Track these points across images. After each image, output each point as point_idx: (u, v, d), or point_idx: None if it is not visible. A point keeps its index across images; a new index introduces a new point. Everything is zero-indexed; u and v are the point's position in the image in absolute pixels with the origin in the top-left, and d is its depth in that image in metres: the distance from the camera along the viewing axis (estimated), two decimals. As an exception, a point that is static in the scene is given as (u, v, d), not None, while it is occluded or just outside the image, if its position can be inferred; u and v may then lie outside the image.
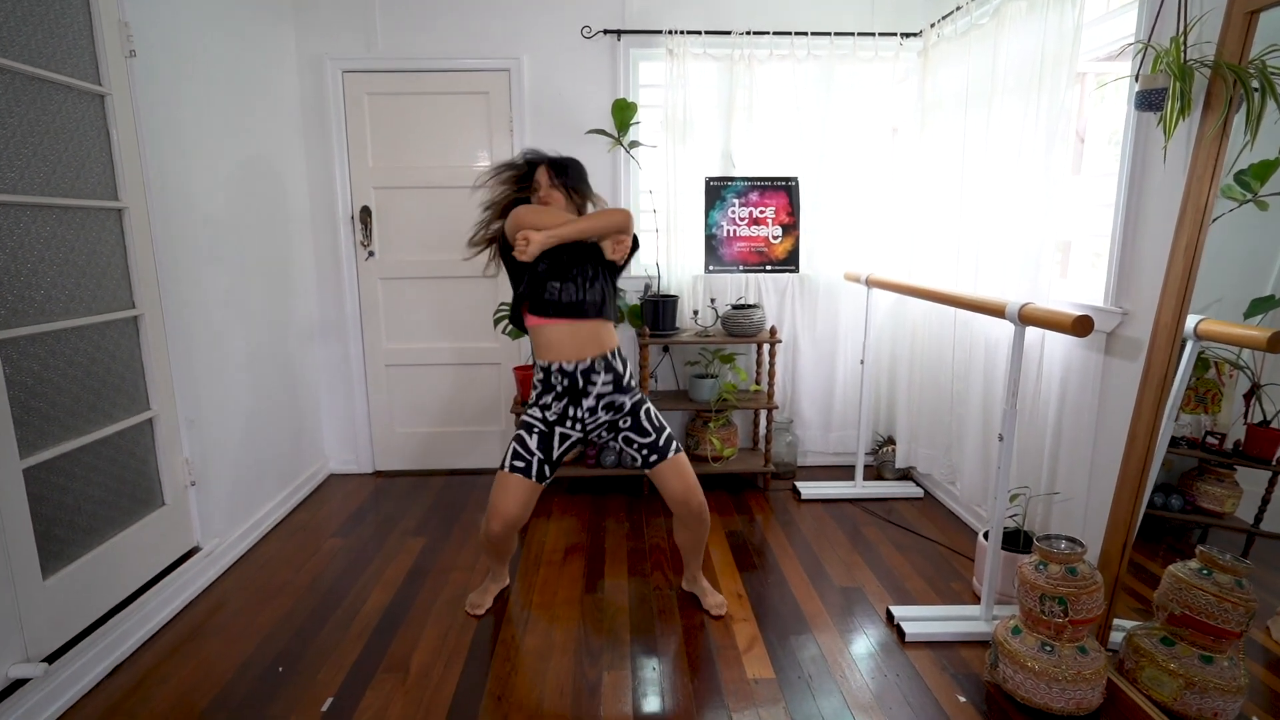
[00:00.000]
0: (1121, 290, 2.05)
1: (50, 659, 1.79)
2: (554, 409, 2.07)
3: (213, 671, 2.00)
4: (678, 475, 2.09)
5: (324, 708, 1.85)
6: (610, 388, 2.06)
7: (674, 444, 2.11)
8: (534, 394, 2.11)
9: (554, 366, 2.04)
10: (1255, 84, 1.59)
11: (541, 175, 2.09)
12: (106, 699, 1.88)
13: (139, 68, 2.17)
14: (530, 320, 2.06)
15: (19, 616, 1.72)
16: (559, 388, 2.05)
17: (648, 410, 2.13)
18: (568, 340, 2.02)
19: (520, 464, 2.04)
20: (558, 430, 2.09)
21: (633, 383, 2.14)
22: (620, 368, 2.09)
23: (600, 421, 2.10)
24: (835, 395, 3.53)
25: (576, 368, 2.03)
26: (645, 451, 2.10)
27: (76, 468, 1.95)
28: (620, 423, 2.11)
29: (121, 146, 2.11)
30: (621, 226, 2.02)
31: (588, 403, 2.06)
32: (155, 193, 2.24)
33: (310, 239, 3.35)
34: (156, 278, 2.26)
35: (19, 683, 1.70)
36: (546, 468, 2.08)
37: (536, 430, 2.07)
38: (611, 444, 2.14)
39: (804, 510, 3.11)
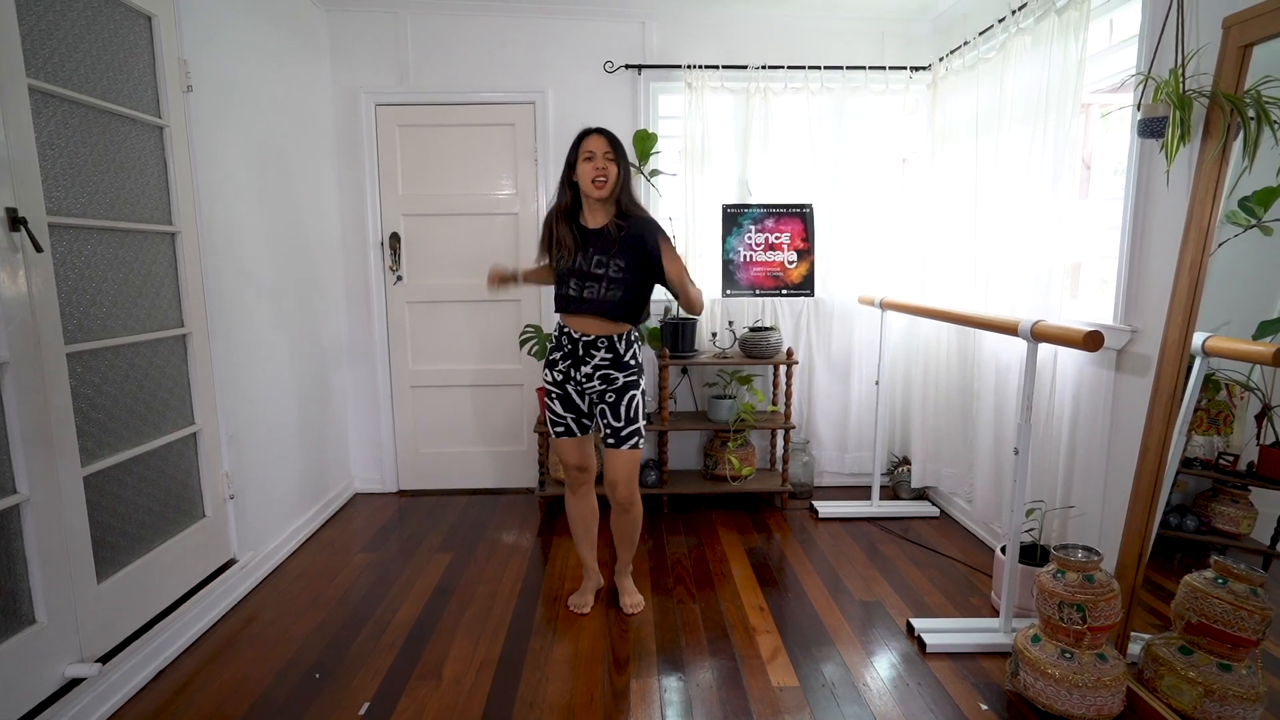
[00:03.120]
0: (1130, 308, 2.12)
1: (103, 660, 1.86)
2: (560, 367, 2.27)
3: (251, 678, 2.07)
4: (619, 464, 2.29)
5: (361, 712, 1.90)
6: (607, 363, 2.23)
7: (634, 440, 2.28)
8: (550, 346, 2.33)
9: (566, 328, 2.26)
10: (1251, 113, 1.68)
11: (597, 144, 2.13)
12: (152, 702, 1.94)
13: (194, 101, 2.31)
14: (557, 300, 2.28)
15: (76, 618, 1.80)
16: (565, 348, 2.26)
17: (632, 398, 2.26)
18: (579, 320, 2.23)
19: (560, 429, 2.32)
20: (569, 388, 2.29)
21: (633, 362, 2.27)
22: (622, 348, 2.24)
23: (594, 388, 2.28)
24: (850, 416, 3.60)
25: (581, 338, 2.23)
26: (608, 434, 2.29)
27: (129, 477, 2.04)
28: (607, 395, 2.27)
29: (177, 175, 2.24)
30: (696, 308, 2.25)
31: (585, 369, 2.25)
32: (204, 218, 2.36)
33: (341, 264, 3.47)
34: (204, 299, 2.37)
35: (74, 682, 1.77)
36: (584, 420, 2.34)
37: (556, 396, 2.29)
38: (593, 412, 2.35)
39: (821, 528, 3.16)
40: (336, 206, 3.42)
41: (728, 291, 3.41)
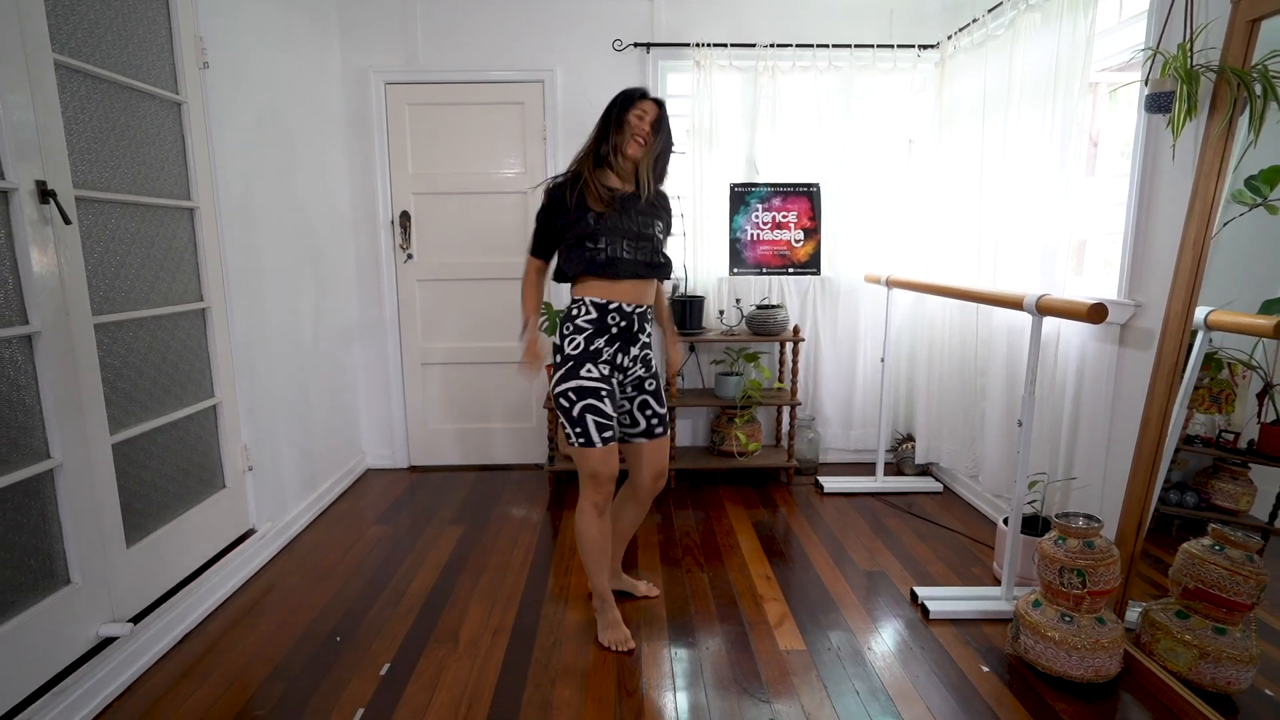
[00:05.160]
0: (1134, 283, 2.16)
1: (133, 621, 1.93)
2: (606, 355, 1.99)
3: (274, 641, 2.13)
4: (663, 452, 2.16)
5: (382, 671, 1.97)
6: (648, 339, 2.09)
7: (667, 423, 2.18)
8: (579, 340, 1.98)
9: (612, 305, 1.98)
10: (1258, 88, 1.71)
11: (651, 109, 1.99)
12: (181, 663, 2.01)
13: (209, 78, 2.33)
14: (589, 276, 2.00)
15: (107, 580, 1.86)
16: (614, 329, 1.99)
17: (661, 382, 2.19)
18: (629, 289, 2.00)
19: (609, 434, 1.99)
20: (614, 381, 2.04)
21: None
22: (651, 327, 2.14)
23: (635, 376, 2.09)
24: (856, 393, 3.64)
25: (634, 309, 2.01)
26: (655, 421, 2.13)
27: (153, 447, 2.09)
28: (647, 384, 2.12)
29: (194, 151, 2.27)
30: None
31: (634, 350, 2.04)
32: (221, 195, 2.40)
33: (352, 242, 3.51)
34: (222, 274, 2.41)
35: (107, 641, 1.84)
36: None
37: (605, 393, 1.99)
38: (627, 406, 2.12)
39: (826, 503, 3.22)
40: (347, 185, 3.45)
41: (735, 270, 3.45)
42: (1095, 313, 1.86)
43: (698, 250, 3.46)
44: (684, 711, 1.81)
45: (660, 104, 2.01)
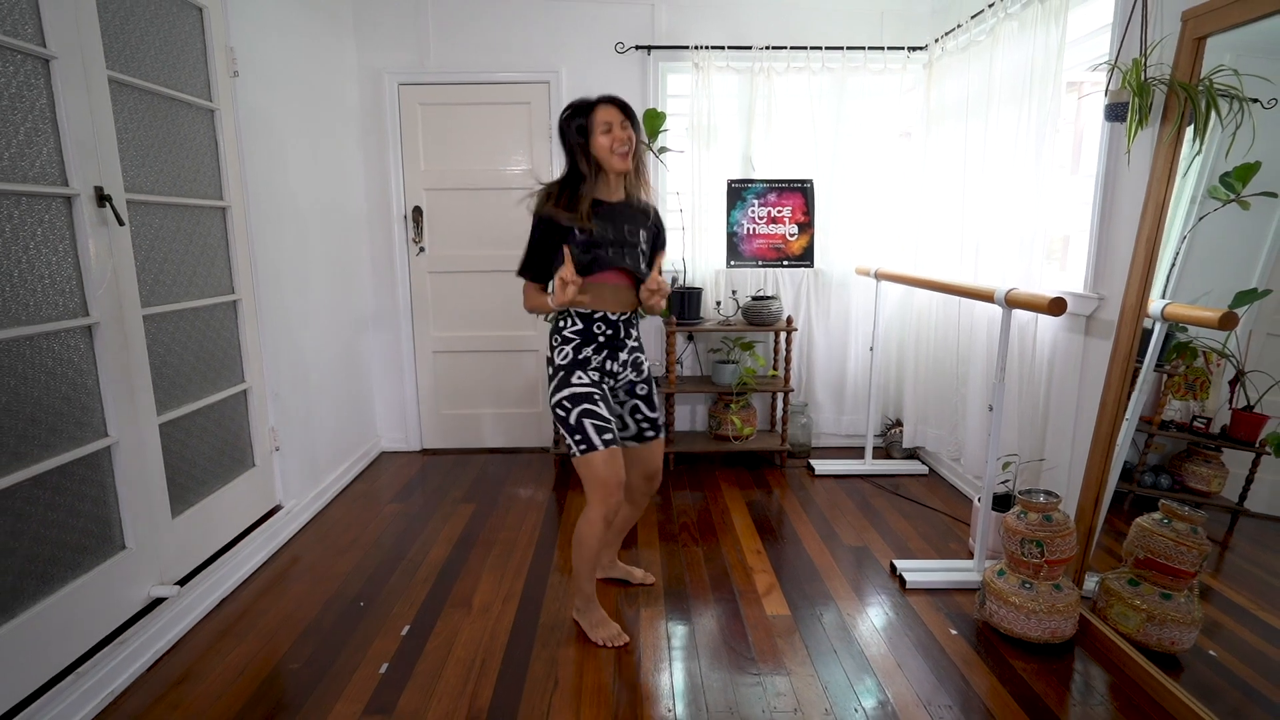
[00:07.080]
0: (1098, 278, 2.32)
1: (180, 584, 2.12)
2: (594, 363, 2.02)
3: (303, 605, 2.33)
4: (659, 453, 2.20)
5: (403, 632, 2.17)
6: (636, 343, 2.13)
7: (662, 425, 2.22)
8: (568, 350, 2.01)
9: (597, 314, 2.01)
10: (1203, 100, 1.86)
11: (613, 114, 1.93)
12: (221, 624, 2.21)
13: (238, 86, 2.50)
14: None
15: (156, 546, 2.06)
16: (601, 338, 2.02)
17: (655, 386, 2.21)
18: (612, 295, 2.02)
19: (609, 435, 1.97)
20: (605, 387, 2.07)
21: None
22: (639, 330, 2.18)
23: (626, 380, 2.11)
24: (847, 380, 3.82)
25: (619, 317, 2.04)
26: (646, 425, 2.16)
27: (193, 427, 2.29)
28: (638, 389, 2.14)
29: (226, 153, 2.45)
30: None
31: (623, 356, 2.07)
32: (250, 193, 2.58)
33: (367, 236, 3.69)
34: (251, 268, 2.60)
35: (157, 601, 2.04)
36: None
37: (599, 397, 2.00)
38: (619, 410, 2.14)
39: (817, 484, 3.40)
40: (362, 182, 3.62)
41: (731, 263, 3.61)
42: (1055, 306, 2.02)
43: (696, 244, 3.62)
44: (677, 668, 2.00)
45: (616, 102, 1.95)
